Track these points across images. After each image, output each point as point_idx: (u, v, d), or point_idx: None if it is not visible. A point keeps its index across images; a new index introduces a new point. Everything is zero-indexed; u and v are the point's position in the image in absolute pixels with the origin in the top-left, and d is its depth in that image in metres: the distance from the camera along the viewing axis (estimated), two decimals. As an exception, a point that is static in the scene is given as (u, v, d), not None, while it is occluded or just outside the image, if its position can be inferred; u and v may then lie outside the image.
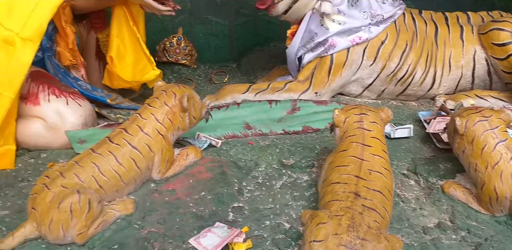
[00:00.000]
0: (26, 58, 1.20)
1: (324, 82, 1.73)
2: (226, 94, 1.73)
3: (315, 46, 1.69)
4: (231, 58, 2.56)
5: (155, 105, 1.09)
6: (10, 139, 1.27)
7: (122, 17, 1.62)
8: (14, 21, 1.18)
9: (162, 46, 2.27)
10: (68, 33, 1.53)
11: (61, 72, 1.54)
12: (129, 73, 1.67)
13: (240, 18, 2.50)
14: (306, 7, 1.67)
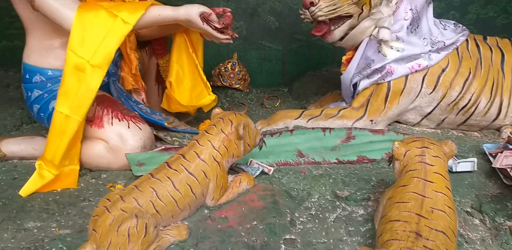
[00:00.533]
0: (94, 84, 1.28)
1: (380, 109, 1.69)
2: (278, 119, 1.74)
3: (371, 73, 1.66)
4: (283, 82, 2.59)
5: (212, 132, 1.11)
6: (75, 159, 1.34)
7: (182, 44, 1.68)
8: (85, 49, 1.26)
9: (217, 71, 2.34)
10: (132, 59, 1.62)
11: (124, 96, 1.62)
12: (186, 97, 1.72)
13: (293, 43, 2.53)
14: (363, 34, 1.66)
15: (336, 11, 1.59)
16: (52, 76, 1.43)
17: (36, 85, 1.43)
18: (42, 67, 1.43)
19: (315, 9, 1.58)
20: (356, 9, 1.61)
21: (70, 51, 1.26)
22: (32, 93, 1.44)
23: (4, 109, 1.89)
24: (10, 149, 1.43)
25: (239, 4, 2.44)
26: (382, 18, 1.58)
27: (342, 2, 1.58)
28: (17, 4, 1.38)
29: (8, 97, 2.08)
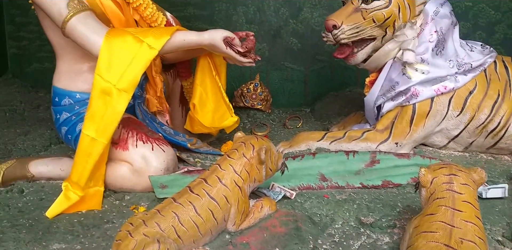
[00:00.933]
0: (120, 107, 1.30)
1: (405, 132, 1.66)
2: (300, 141, 1.73)
3: (396, 95, 1.64)
4: (305, 103, 2.59)
5: (234, 156, 1.11)
6: (99, 181, 1.36)
7: (206, 67, 1.71)
8: (112, 74, 1.30)
9: (239, 92, 2.36)
10: (157, 82, 1.65)
11: (148, 118, 1.65)
12: (209, 119, 1.73)
13: (315, 64, 2.54)
14: (386, 56, 1.65)
15: (359, 34, 1.60)
16: (80, 99, 1.46)
17: (65, 108, 1.47)
18: (70, 91, 1.47)
19: (337, 32, 1.58)
20: (379, 32, 1.61)
21: (97, 76, 1.29)
22: (61, 116, 1.48)
23: (34, 130, 1.95)
24: (38, 170, 1.46)
25: (262, 26, 2.48)
26: (406, 41, 1.57)
27: (365, 25, 1.58)
28: (48, 30, 1.44)
29: (38, 118, 2.15)
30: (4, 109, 2.20)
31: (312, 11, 2.44)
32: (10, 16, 2.47)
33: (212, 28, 2.40)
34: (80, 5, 1.30)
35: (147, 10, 1.56)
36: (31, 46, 2.50)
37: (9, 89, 2.39)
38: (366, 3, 1.57)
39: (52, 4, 1.28)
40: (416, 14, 1.62)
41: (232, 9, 2.46)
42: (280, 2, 2.44)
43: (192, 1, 2.45)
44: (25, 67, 2.54)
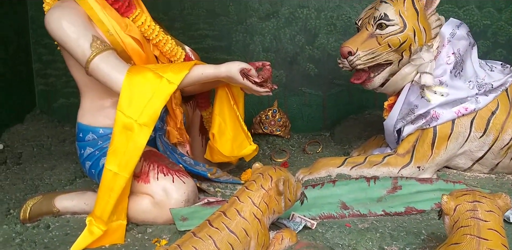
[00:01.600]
0: (141, 142, 1.33)
1: (427, 155, 1.63)
2: (320, 167, 1.72)
3: (415, 118, 1.62)
4: (324, 127, 2.59)
5: (252, 188, 1.12)
6: (122, 214, 1.38)
7: (224, 97, 1.75)
8: (133, 109, 1.34)
9: (258, 118, 2.38)
10: (177, 114, 1.69)
11: (169, 149, 1.68)
12: (228, 148, 1.75)
13: (333, 89, 2.55)
14: (404, 80, 1.64)
15: (375, 59, 1.60)
16: (103, 134, 1.51)
17: (89, 143, 1.52)
18: (94, 126, 1.52)
19: (353, 58, 1.60)
20: (395, 56, 1.62)
21: (119, 112, 1.33)
22: (85, 151, 1.53)
23: (60, 164, 2.01)
24: (63, 205, 1.50)
25: (279, 54, 2.53)
26: (423, 64, 1.56)
27: (380, 50, 1.59)
28: (73, 69, 1.51)
29: (64, 152, 2.22)
30: (32, 145, 2.28)
31: (328, 36, 2.48)
32: (38, 55, 2.61)
33: (230, 57, 2.52)
34: (103, 45, 1.36)
35: (166, 46, 1.62)
36: (58, 82, 2.61)
37: (37, 124, 2.49)
38: (381, 28, 1.58)
39: (77, 45, 1.34)
40: (432, 37, 1.62)
41: (249, 38, 2.52)
42: (296, 29, 2.49)
43: (210, 33, 2.53)
44: (52, 103, 2.65)
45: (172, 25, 2.47)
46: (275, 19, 2.49)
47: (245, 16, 2.50)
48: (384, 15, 1.57)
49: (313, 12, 2.46)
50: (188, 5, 2.51)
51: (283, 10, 2.48)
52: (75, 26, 1.36)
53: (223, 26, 2.52)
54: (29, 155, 2.18)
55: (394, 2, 1.58)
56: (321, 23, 2.46)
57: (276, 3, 2.47)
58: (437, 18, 1.63)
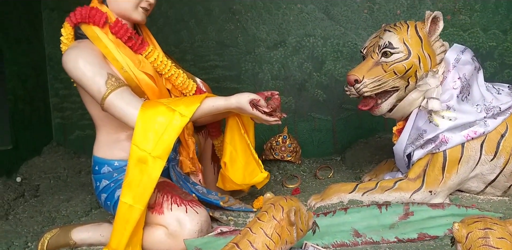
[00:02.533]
0: (155, 174, 1.37)
1: (439, 180, 1.62)
2: (331, 194, 1.72)
3: (424, 143, 1.63)
4: (335, 151, 2.60)
5: (264, 219, 1.13)
6: (137, 246, 1.39)
7: (234, 126, 1.78)
8: (147, 143, 1.38)
9: (268, 145, 2.41)
10: (190, 144, 1.73)
11: (182, 179, 1.71)
12: (240, 176, 1.77)
13: (342, 113, 2.58)
14: (411, 105, 1.66)
15: (382, 87, 1.63)
16: (118, 166, 1.55)
17: (104, 176, 1.56)
18: (109, 159, 1.56)
19: (360, 86, 1.63)
20: (402, 82, 1.64)
21: (133, 146, 1.37)
22: (100, 183, 1.56)
23: (76, 195, 2.05)
24: (80, 237, 1.52)
25: (287, 81, 2.59)
26: (429, 89, 1.58)
27: (386, 77, 1.62)
28: (88, 105, 1.57)
29: (79, 183, 2.26)
30: (49, 177, 2.34)
31: (335, 63, 2.53)
32: (55, 90, 2.72)
33: (240, 86, 2.58)
34: (117, 82, 1.42)
35: (178, 79, 1.68)
36: (74, 115, 2.70)
37: (54, 156, 2.55)
38: (386, 56, 1.62)
39: (92, 83, 1.41)
40: (437, 63, 1.65)
41: (257, 67, 2.59)
42: (303, 57, 2.56)
43: (220, 63, 2.61)
44: (68, 135, 2.72)
45: (184, 57, 2.56)
46: (282, 48, 2.57)
47: (253, 46, 2.58)
48: (388, 43, 1.61)
49: (319, 40, 2.52)
50: (199, 37, 2.61)
51: (290, 39, 2.56)
52: (91, 65, 1.42)
53: (232, 56, 2.60)
54: (46, 187, 2.23)
55: (397, 31, 1.62)
56: (327, 50, 2.53)
57: (283, 33, 2.56)
58: (441, 44, 1.66)
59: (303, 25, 2.53)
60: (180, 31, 2.62)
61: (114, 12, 1.56)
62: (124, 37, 1.54)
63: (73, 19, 1.53)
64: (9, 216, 1.83)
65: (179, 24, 2.62)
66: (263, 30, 2.57)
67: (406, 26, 1.63)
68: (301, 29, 2.54)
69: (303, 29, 2.54)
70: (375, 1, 2.44)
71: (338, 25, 2.50)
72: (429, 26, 1.61)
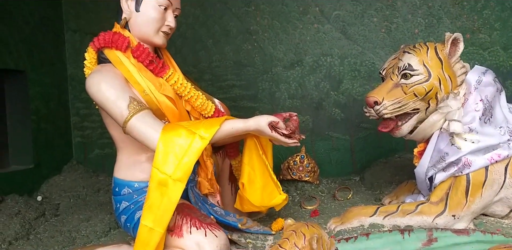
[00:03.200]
0: (175, 196, 1.37)
1: (462, 204, 1.59)
2: (352, 217, 1.69)
3: (447, 166, 1.60)
4: (354, 171, 2.57)
5: (285, 246, 1.12)
6: (157, 269, 1.39)
7: (253, 147, 1.78)
8: (167, 166, 1.38)
9: (286, 165, 2.39)
10: (208, 165, 1.73)
11: (201, 200, 1.70)
12: (258, 197, 1.76)
13: (361, 132, 2.56)
14: (432, 127, 1.64)
15: (402, 109, 1.61)
16: (138, 188, 1.55)
17: (124, 197, 1.57)
18: (129, 180, 1.57)
19: (380, 108, 1.62)
20: (422, 104, 1.62)
21: (154, 169, 1.38)
22: (120, 205, 1.57)
23: (95, 215, 2.06)
24: (101, 259, 1.53)
25: (304, 100, 2.59)
26: (451, 112, 1.56)
27: (407, 99, 1.60)
28: (110, 127, 1.59)
29: (98, 202, 2.28)
30: (69, 196, 2.36)
31: (353, 82, 2.53)
32: (76, 109, 2.77)
33: (257, 105, 2.59)
34: (139, 106, 1.44)
35: (197, 101, 1.70)
36: (94, 134, 2.75)
37: (74, 175, 2.59)
38: (406, 78, 1.61)
39: (115, 107, 1.43)
40: (458, 84, 1.63)
41: (274, 87, 2.61)
42: (320, 76, 2.56)
43: (237, 83, 2.63)
44: (88, 154, 2.76)
45: (202, 77, 2.59)
46: (299, 68, 2.58)
47: (270, 66, 2.61)
48: (408, 65, 1.60)
49: (336, 60, 2.53)
50: (216, 58, 2.64)
51: (307, 58, 2.57)
52: (114, 89, 1.45)
53: (249, 76, 2.63)
54: (66, 206, 2.25)
55: (417, 52, 1.62)
56: (345, 69, 2.53)
57: (300, 52, 2.57)
58: (461, 65, 1.64)
59: (320, 45, 2.55)
60: (198, 52, 2.67)
61: (135, 36, 1.60)
62: (145, 61, 1.57)
63: (97, 44, 1.57)
64: (30, 236, 1.85)
65: (197, 44, 2.67)
66: (280, 50, 2.59)
67: (426, 48, 1.62)
68: (318, 49, 2.55)
69: (320, 49, 2.55)
70: (392, 21, 2.44)
71: (355, 45, 2.50)
72: (449, 48, 1.60)
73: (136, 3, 1.57)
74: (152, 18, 1.58)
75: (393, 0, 2.43)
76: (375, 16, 2.46)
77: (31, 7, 2.50)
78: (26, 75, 2.42)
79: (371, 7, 2.46)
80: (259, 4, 2.60)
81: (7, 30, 2.31)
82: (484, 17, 2.33)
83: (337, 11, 2.51)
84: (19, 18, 2.40)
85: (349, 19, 2.50)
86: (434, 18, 2.38)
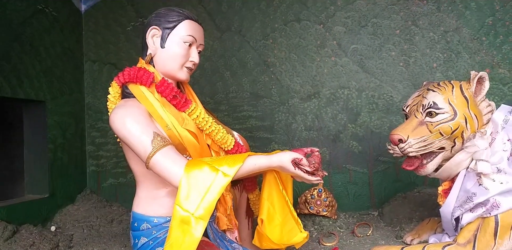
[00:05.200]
0: (197, 235, 1.33)
1: (490, 246, 1.53)
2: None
3: (474, 206, 1.56)
4: (372, 205, 2.52)
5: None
6: None
7: (272, 182, 1.75)
8: (190, 203, 1.36)
9: (303, 198, 2.35)
10: (227, 200, 1.70)
11: (219, 236, 1.66)
12: (277, 234, 1.71)
13: (379, 166, 2.52)
14: (458, 166, 1.60)
15: (428, 147, 1.59)
16: (157, 223, 1.52)
17: (143, 233, 1.53)
18: (148, 216, 1.54)
19: (404, 146, 1.59)
20: (448, 143, 1.60)
21: (176, 206, 1.35)
22: (139, 241, 1.53)
23: (109, 247, 2.02)
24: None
25: (321, 132, 2.57)
26: (478, 151, 1.53)
27: (432, 138, 1.58)
28: (131, 161, 1.57)
29: (112, 234, 2.24)
30: (82, 226, 2.33)
31: (371, 115, 2.52)
32: (91, 138, 2.78)
33: (273, 136, 2.58)
34: (163, 141, 1.43)
35: (218, 135, 1.69)
36: (108, 163, 2.73)
37: (87, 205, 2.56)
38: (431, 116, 1.59)
39: (139, 142, 1.42)
40: (484, 123, 1.61)
41: (291, 118, 2.60)
42: (338, 109, 2.56)
43: (254, 114, 2.63)
44: (102, 183, 2.74)
45: (218, 108, 2.60)
46: (316, 100, 2.58)
47: (287, 98, 2.61)
48: (433, 103, 1.59)
49: (354, 92, 2.53)
50: (233, 89, 2.66)
51: (324, 91, 2.57)
52: (138, 124, 1.44)
53: (266, 107, 2.63)
54: (80, 237, 2.21)
55: (442, 90, 1.61)
56: (362, 102, 2.52)
57: (317, 85, 2.58)
58: (487, 104, 1.63)
59: (337, 77, 2.56)
60: (216, 83, 2.69)
61: (160, 71, 1.61)
62: (169, 96, 1.57)
63: (121, 79, 1.58)
64: (43, 270, 1.81)
65: (214, 76, 2.70)
66: (297, 82, 2.61)
67: (451, 86, 1.61)
68: (335, 81, 2.56)
69: (337, 81, 2.56)
70: (410, 55, 2.46)
71: (373, 78, 2.51)
72: (475, 86, 1.59)
73: (161, 40, 1.60)
74: (177, 54, 1.59)
75: (411, 35, 2.45)
76: (393, 50, 2.48)
77: (53, 38, 2.56)
78: (45, 105, 2.44)
79: (389, 41, 2.49)
80: (277, 38, 2.63)
81: (29, 61, 2.35)
82: (503, 52, 2.34)
83: (354, 45, 2.53)
84: (42, 49, 2.46)
85: (366, 53, 2.52)
86: (453, 52, 2.39)
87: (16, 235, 2.00)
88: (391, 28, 2.48)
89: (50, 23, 2.53)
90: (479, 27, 2.36)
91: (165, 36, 1.60)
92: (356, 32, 2.53)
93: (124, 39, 2.81)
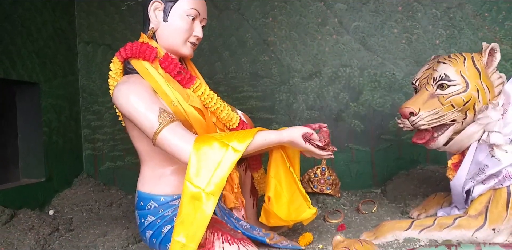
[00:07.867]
0: (209, 211, 1.31)
1: (502, 217, 1.53)
2: (386, 231, 1.62)
3: (486, 178, 1.55)
4: (375, 184, 2.52)
5: (339, 264, 1.05)
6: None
7: (279, 159, 1.72)
8: (200, 179, 1.32)
9: (306, 177, 2.33)
10: (234, 178, 1.67)
11: (226, 214, 1.64)
12: (285, 211, 1.69)
13: (381, 144, 2.51)
14: (470, 139, 1.59)
15: (440, 120, 1.57)
16: (164, 202, 1.49)
17: (149, 212, 1.50)
18: (155, 194, 1.50)
19: (416, 119, 1.57)
20: (460, 115, 1.58)
21: (187, 182, 1.32)
22: (146, 220, 1.50)
23: (111, 229, 1.97)
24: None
25: (323, 111, 2.54)
26: (491, 123, 1.51)
27: (444, 110, 1.56)
28: (136, 140, 1.52)
29: (112, 217, 2.19)
30: (81, 209, 2.28)
31: (373, 93, 2.49)
32: (87, 121, 2.71)
33: (274, 117, 2.54)
34: (169, 117, 1.38)
35: (223, 112, 1.65)
36: (105, 146, 2.67)
37: (85, 189, 2.50)
38: (442, 89, 1.57)
39: (145, 119, 1.37)
40: (496, 95, 1.59)
41: (292, 98, 2.56)
42: (339, 87, 2.53)
43: (254, 94, 2.59)
44: (99, 167, 2.68)
45: (217, 88, 2.54)
46: (317, 79, 2.54)
47: (288, 77, 2.57)
48: (444, 75, 1.56)
49: (356, 71, 2.50)
50: (232, 69, 2.60)
51: (325, 69, 2.54)
52: (143, 100, 1.39)
53: (266, 87, 2.58)
54: (80, 220, 2.16)
55: (453, 62, 1.58)
56: (364, 80, 2.49)
57: (318, 63, 2.54)
58: (498, 76, 1.61)
59: (339, 56, 2.52)
60: (214, 63, 2.63)
61: (163, 46, 1.55)
62: (173, 72, 1.52)
63: (123, 54, 1.52)
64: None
65: (213, 55, 2.63)
66: (298, 61, 2.56)
67: (463, 58, 1.58)
68: (337, 60, 2.52)
69: (339, 60, 2.52)
70: (413, 32, 2.42)
71: (375, 55, 2.47)
72: (486, 58, 1.57)
73: (164, 13, 1.53)
74: (180, 28, 1.54)
75: (414, 12, 2.41)
76: (395, 27, 2.44)
77: (45, 18, 2.46)
78: (38, 87, 2.36)
79: (391, 19, 2.45)
80: (277, 16, 2.57)
81: (21, 41, 2.26)
82: (505, 28, 2.32)
83: (356, 22, 2.49)
84: (33, 29, 2.36)
85: (368, 30, 2.48)
86: (456, 29, 2.36)
87: (14, 219, 1.95)
88: (393, 5, 2.44)
89: (41, 2, 2.43)
90: (482, 3, 2.33)
91: (167, 10, 1.53)
92: (357, 9, 2.49)
93: (119, 19, 2.72)
